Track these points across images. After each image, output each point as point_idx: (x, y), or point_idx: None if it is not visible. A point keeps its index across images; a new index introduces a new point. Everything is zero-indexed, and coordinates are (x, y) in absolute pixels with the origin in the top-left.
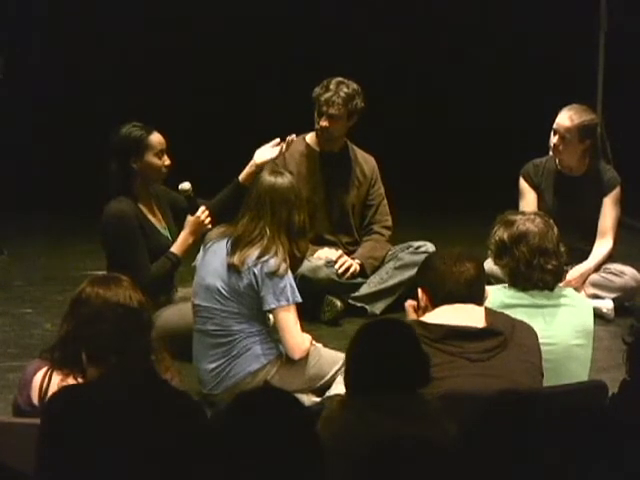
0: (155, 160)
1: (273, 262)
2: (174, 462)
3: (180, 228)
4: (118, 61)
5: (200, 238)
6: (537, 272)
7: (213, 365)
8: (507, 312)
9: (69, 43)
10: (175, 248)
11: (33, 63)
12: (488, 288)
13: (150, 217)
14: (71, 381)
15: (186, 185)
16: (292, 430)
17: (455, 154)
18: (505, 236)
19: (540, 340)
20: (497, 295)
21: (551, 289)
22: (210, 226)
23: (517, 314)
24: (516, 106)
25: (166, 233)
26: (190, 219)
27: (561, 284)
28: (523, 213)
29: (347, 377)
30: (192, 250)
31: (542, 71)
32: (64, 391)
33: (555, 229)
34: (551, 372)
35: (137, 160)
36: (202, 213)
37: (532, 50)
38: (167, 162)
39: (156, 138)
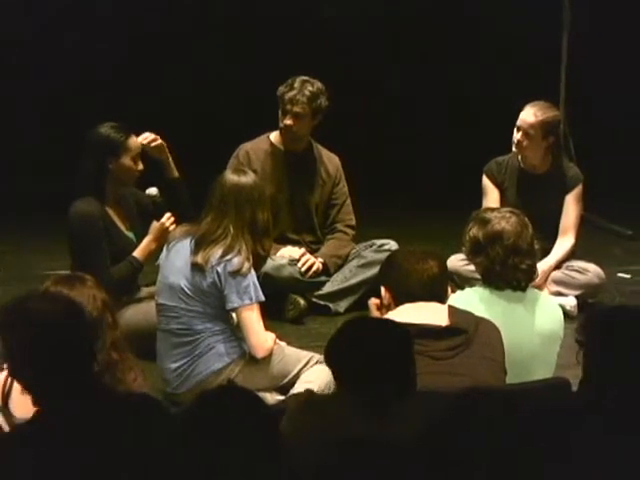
0: (131, 163)
1: (236, 261)
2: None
3: (145, 230)
4: (114, 62)
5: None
6: (511, 271)
7: (177, 364)
8: (478, 312)
9: (67, 41)
10: (138, 253)
11: (30, 62)
12: (462, 291)
13: (115, 219)
14: None
15: (153, 191)
16: (255, 429)
17: (418, 152)
18: (480, 235)
19: (506, 341)
20: (470, 296)
21: (524, 289)
22: None
23: (488, 314)
24: (484, 104)
25: (131, 236)
26: (155, 225)
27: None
28: (499, 211)
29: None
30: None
31: (506, 70)
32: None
33: (530, 228)
34: (515, 374)
35: (113, 161)
36: (167, 220)
37: (498, 49)
38: (140, 167)
39: (134, 142)
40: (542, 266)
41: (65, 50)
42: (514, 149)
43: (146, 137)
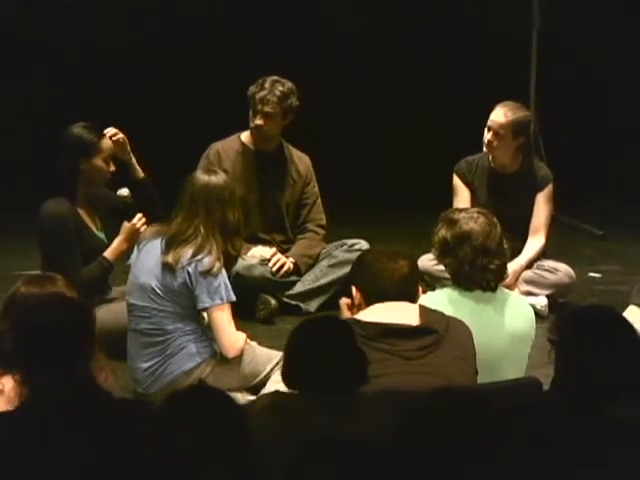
0: (103, 164)
1: (207, 261)
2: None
3: (116, 230)
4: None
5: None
6: (480, 272)
7: (147, 364)
8: (448, 314)
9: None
10: (108, 253)
11: (29, 62)
12: (432, 292)
13: (87, 219)
14: (6, 381)
15: (124, 191)
16: (226, 429)
17: (391, 153)
18: (448, 235)
19: (476, 341)
20: (439, 297)
21: (493, 289)
22: None
23: (458, 315)
24: (453, 104)
25: (102, 236)
26: (126, 225)
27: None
28: (467, 211)
29: (284, 375)
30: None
31: (477, 69)
32: None
33: (498, 227)
34: (485, 374)
35: (85, 161)
36: (138, 220)
37: (468, 48)
38: (112, 168)
39: (107, 143)
40: (513, 266)
41: (64, 50)
42: (484, 149)
43: (108, 131)
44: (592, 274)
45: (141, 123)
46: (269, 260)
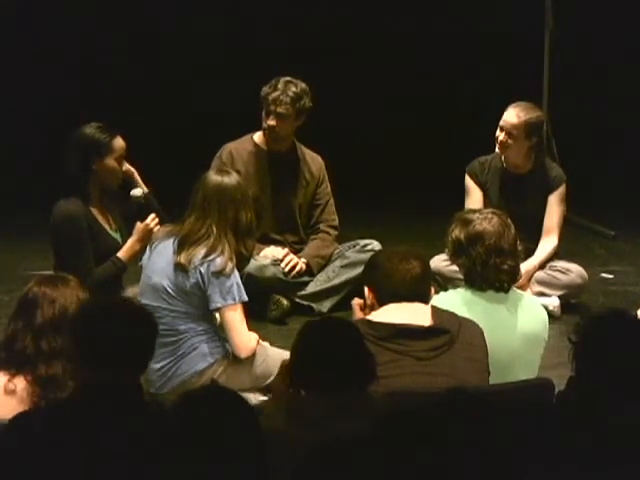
0: (115, 164)
1: (219, 261)
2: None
3: (129, 231)
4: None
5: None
6: (493, 272)
7: (160, 364)
8: (461, 314)
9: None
10: (121, 253)
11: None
12: (445, 293)
13: (100, 219)
14: (18, 381)
15: (137, 192)
16: (238, 430)
17: (404, 153)
18: (462, 235)
19: (489, 342)
20: (453, 297)
21: (506, 290)
22: None
23: (471, 315)
24: (467, 104)
25: (116, 236)
26: (139, 226)
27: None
28: (480, 212)
29: (290, 375)
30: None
31: (490, 70)
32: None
33: (512, 228)
34: (497, 375)
35: (97, 161)
36: (151, 220)
37: (482, 49)
38: (125, 169)
39: (119, 143)
40: (526, 267)
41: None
42: (497, 150)
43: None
44: (604, 275)
45: (142, 124)
46: (281, 260)
